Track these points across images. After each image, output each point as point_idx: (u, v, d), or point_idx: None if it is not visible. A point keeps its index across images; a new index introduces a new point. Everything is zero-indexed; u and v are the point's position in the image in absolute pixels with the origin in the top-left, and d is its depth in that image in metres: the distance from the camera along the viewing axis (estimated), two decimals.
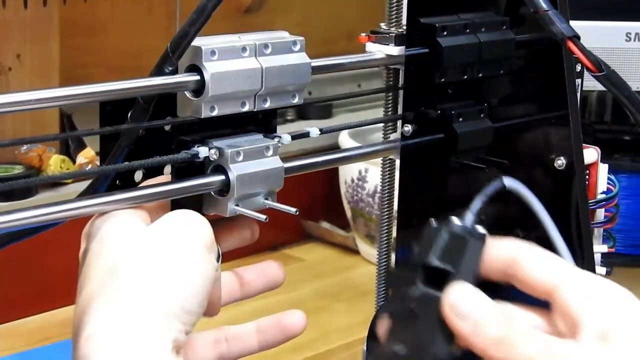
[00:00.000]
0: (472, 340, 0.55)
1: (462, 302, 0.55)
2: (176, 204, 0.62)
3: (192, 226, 0.58)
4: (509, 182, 0.60)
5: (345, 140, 1.49)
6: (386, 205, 0.77)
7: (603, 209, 0.71)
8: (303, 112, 1.65)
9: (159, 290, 0.54)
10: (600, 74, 0.58)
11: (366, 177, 1.52)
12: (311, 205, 1.57)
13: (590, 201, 0.68)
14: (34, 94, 0.55)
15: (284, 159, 0.65)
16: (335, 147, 1.48)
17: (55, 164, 1.30)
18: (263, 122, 0.65)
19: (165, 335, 0.54)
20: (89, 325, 0.54)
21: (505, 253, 0.57)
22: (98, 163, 1.43)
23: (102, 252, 0.57)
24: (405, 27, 0.71)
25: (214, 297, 0.63)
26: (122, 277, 0.55)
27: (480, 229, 0.57)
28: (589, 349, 0.53)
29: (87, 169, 1.33)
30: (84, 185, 0.63)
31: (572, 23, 0.61)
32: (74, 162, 1.35)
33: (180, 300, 0.55)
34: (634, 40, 1.26)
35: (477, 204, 0.58)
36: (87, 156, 1.33)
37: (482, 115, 0.70)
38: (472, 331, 0.54)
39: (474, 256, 0.57)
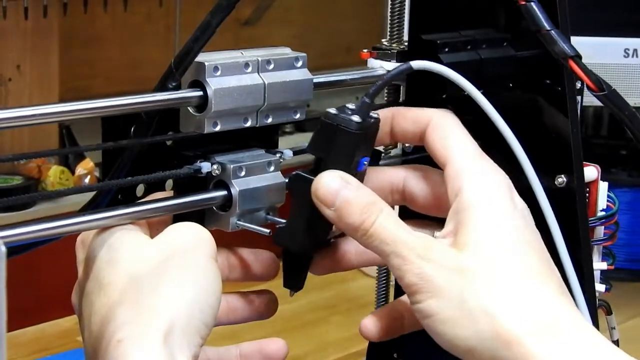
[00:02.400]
0: (339, 225, 0.59)
1: (326, 190, 0.59)
2: (178, 219, 0.62)
3: (200, 238, 0.58)
4: (417, 63, 0.63)
5: None
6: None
7: (603, 227, 0.71)
8: (302, 125, 1.66)
9: (182, 303, 0.55)
10: (601, 93, 0.59)
11: None
12: None
13: (590, 219, 0.69)
14: (36, 109, 0.55)
15: (285, 174, 0.65)
16: None
17: (54, 175, 1.31)
18: (265, 138, 0.65)
19: (187, 348, 0.54)
20: (120, 330, 0.54)
21: (422, 120, 0.63)
22: (97, 174, 1.44)
23: (116, 260, 0.57)
24: (406, 44, 0.71)
25: None
26: (146, 287, 0.55)
27: (356, 118, 0.61)
28: (437, 247, 0.57)
29: (86, 180, 1.33)
30: (82, 196, 0.63)
31: (571, 39, 0.61)
32: (72, 173, 1.36)
33: (201, 313, 0.55)
34: (632, 56, 1.26)
35: (374, 87, 0.62)
36: (86, 167, 1.33)
37: None
38: (337, 217, 0.59)
39: (346, 144, 0.61)
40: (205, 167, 0.62)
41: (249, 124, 0.63)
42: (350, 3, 1.91)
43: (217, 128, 0.61)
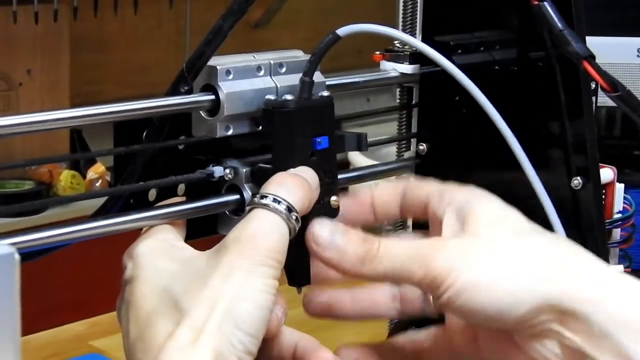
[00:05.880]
0: (339, 265, 0.58)
1: (321, 234, 0.58)
2: (190, 223, 0.61)
3: (252, 243, 0.55)
4: (343, 29, 0.62)
5: (355, 155, 1.49)
6: (399, 223, 0.77)
7: (619, 229, 0.71)
8: None
9: (222, 320, 0.53)
10: (615, 94, 0.58)
11: None
12: None
13: (606, 221, 0.68)
14: (48, 115, 0.55)
15: None
16: (345, 161, 1.48)
17: (65, 179, 1.31)
18: None
19: None
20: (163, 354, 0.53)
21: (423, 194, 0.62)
22: (108, 178, 1.44)
23: (153, 277, 0.57)
24: None
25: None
26: (183, 303, 0.54)
27: (289, 96, 0.60)
28: (448, 243, 0.57)
29: (97, 184, 1.33)
30: (94, 200, 0.62)
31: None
32: (84, 177, 1.36)
33: (243, 330, 0.53)
34: None
35: (308, 64, 0.61)
36: (98, 171, 1.33)
37: None
38: (338, 258, 0.58)
39: (286, 124, 0.60)
40: (218, 171, 0.61)
41: (261, 127, 0.62)
42: (361, 4, 1.91)
43: (230, 132, 0.61)
